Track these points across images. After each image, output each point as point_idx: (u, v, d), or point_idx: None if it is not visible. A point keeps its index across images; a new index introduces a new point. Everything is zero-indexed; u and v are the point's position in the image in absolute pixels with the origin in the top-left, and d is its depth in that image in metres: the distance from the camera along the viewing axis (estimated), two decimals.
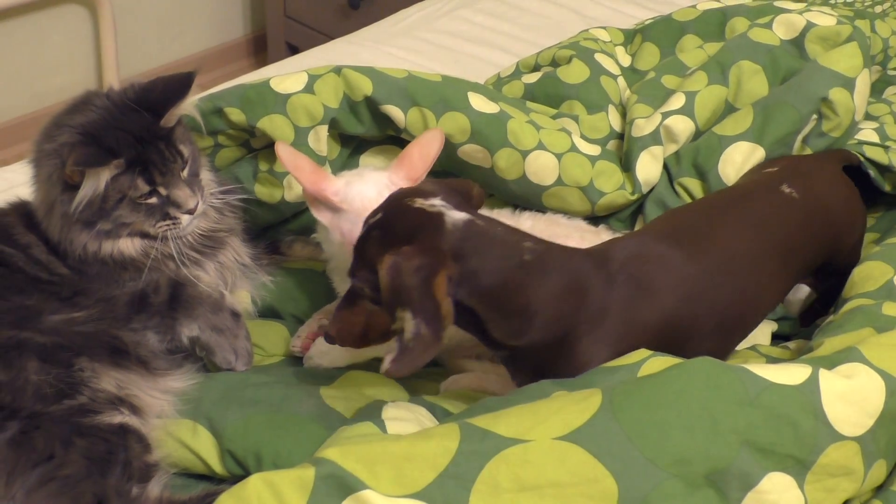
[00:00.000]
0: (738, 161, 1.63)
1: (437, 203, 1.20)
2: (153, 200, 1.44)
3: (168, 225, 1.45)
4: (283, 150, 1.43)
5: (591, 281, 1.23)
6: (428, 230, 1.18)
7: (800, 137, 1.65)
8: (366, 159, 1.71)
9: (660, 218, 1.51)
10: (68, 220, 1.43)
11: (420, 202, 1.20)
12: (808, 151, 1.66)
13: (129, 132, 1.42)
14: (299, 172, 1.42)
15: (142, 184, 1.42)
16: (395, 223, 1.19)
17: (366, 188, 1.42)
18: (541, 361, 1.24)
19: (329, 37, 3.06)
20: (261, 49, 3.76)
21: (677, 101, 1.71)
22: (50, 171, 1.43)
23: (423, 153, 1.44)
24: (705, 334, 1.31)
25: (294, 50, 3.46)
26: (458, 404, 1.34)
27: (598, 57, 1.87)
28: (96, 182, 1.39)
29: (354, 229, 1.35)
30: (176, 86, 1.45)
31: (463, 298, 1.17)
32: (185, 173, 1.46)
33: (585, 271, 1.24)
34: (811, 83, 1.65)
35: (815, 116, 1.65)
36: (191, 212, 1.46)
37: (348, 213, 1.42)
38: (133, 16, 3.41)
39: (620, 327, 1.23)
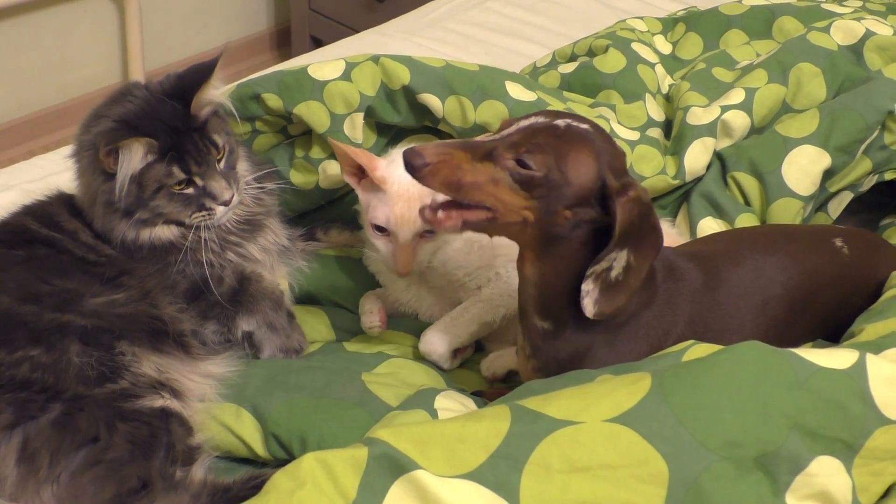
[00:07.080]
0: (803, 163, 1.61)
1: None
2: (190, 191, 1.45)
3: (203, 216, 1.46)
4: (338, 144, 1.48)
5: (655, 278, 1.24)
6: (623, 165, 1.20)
7: (862, 147, 1.64)
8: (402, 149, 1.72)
9: (702, 239, 1.50)
10: (110, 208, 1.43)
11: None
12: (868, 163, 1.65)
13: (164, 122, 1.43)
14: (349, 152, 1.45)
15: (177, 171, 1.43)
16: (605, 144, 1.18)
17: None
18: (570, 356, 1.24)
19: (354, 30, 3.06)
20: (285, 42, 3.76)
21: (736, 95, 1.71)
22: (88, 161, 1.44)
23: None
24: None
25: (318, 43, 3.46)
26: None
27: (635, 46, 1.87)
28: (130, 160, 1.40)
29: (385, 210, 1.43)
30: (198, 72, 1.46)
31: None
32: (221, 165, 1.47)
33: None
34: (878, 94, 1.64)
35: (879, 128, 1.64)
36: (226, 203, 1.47)
37: (384, 194, 1.44)
38: (158, 9, 3.43)
39: (643, 334, 1.24)
